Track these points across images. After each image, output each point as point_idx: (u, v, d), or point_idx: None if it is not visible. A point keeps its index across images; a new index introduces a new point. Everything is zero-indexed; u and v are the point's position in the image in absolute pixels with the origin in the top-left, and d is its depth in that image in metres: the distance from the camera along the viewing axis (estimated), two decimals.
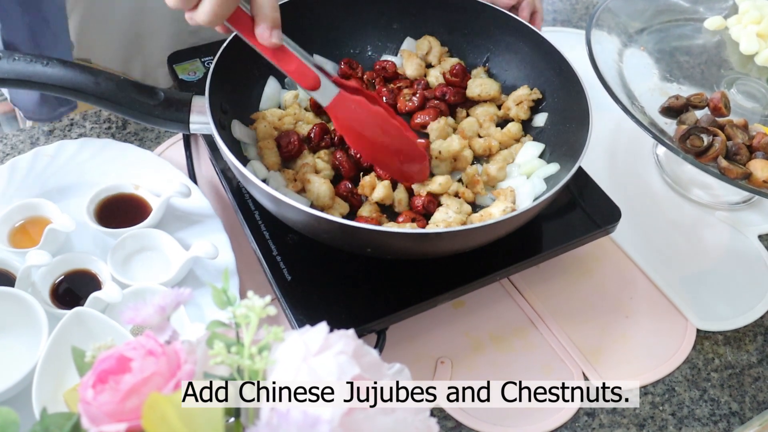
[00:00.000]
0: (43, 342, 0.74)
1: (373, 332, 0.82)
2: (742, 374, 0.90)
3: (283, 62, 0.77)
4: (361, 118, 0.82)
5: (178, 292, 0.53)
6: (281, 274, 0.82)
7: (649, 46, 1.15)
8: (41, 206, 0.89)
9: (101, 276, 0.84)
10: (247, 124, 0.92)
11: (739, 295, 0.98)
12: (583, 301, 0.94)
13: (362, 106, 0.81)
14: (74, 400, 0.54)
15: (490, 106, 1.00)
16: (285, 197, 0.74)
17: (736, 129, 0.98)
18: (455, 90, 1.00)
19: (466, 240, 0.79)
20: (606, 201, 0.94)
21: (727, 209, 1.08)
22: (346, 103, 0.81)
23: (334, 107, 0.81)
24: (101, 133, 1.06)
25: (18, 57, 0.78)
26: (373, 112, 0.82)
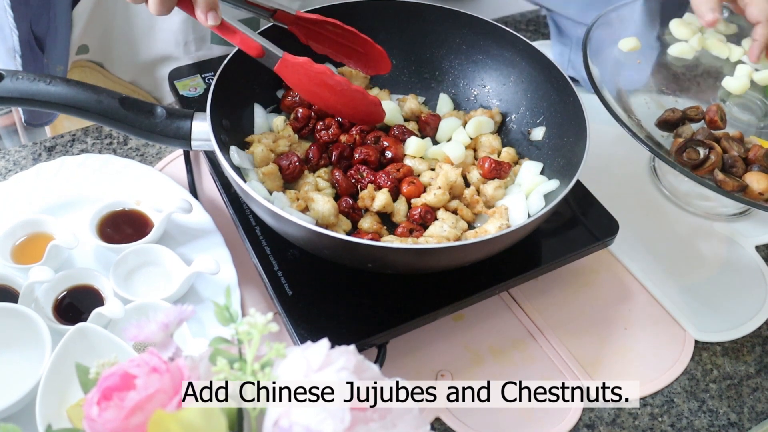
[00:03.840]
0: (47, 357, 0.75)
1: (374, 346, 0.83)
2: (741, 385, 0.91)
3: (228, 35, 0.85)
4: (308, 74, 0.89)
5: (180, 309, 0.54)
6: (282, 289, 0.83)
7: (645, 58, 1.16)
8: (44, 222, 0.90)
9: (104, 291, 0.85)
10: (243, 149, 0.92)
11: (737, 306, 0.99)
12: (581, 314, 0.95)
13: (306, 65, 0.88)
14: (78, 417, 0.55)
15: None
16: (291, 216, 0.75)
17: (732, 142, 0.99)
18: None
19: (464, 255, 0.79)
20: (604, 214, 0.95)
21: (724, 221, 1.08)
22: (291, 65, 0.88)
23: (281, 69, 0.88)
24: (103, 149, 1.07)
25: (21, 76, 0.79)
26: (317, 69, 0.89)
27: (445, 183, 0.91)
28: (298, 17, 0.93)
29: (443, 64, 1.07)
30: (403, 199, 0.92)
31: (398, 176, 0.93)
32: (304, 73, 0.88)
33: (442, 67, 1.07)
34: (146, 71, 1.23)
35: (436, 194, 0.90)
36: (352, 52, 0.98)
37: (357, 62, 0.99)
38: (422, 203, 0.90)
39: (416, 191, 0.92)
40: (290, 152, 0.93)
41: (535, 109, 1.01)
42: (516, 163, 0.98)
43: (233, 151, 0.88)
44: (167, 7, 0.80)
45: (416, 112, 1.02)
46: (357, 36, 0.95)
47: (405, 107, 1.02)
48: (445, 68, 1.07)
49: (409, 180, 0.92)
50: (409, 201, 0.92)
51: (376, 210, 0.90)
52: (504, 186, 0.94)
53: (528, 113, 1.01)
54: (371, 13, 1.02)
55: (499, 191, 0.93)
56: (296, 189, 0.91)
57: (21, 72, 0.80)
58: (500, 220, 0.88)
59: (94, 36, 1.15)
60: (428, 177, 0.94)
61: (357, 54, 0.98)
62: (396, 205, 0.91)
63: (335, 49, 0.97)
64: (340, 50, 0.98)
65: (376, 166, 0.94)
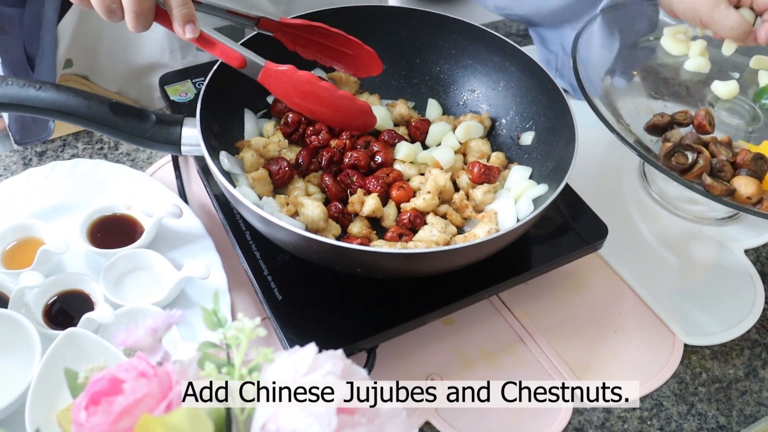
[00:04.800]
0: (36, 362, 0.75)
1: (363, 350, 0.83)
2: (730, 388, 0.91)
3: (208, 48, 0.84)
4: (291, 82, 0.88)
5: (169, 314, 0.54)
6: (272, 294, 0.83)
7: (635, 64, 1.16)
8: (34, 227, 0.90)
9: (94, 296, 0.85)
10: (233, 154, 0.93)
11: (726, 309, 0.99)
12: (571, 317, 0.95)
13: (289, 73, 0.87)
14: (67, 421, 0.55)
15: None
16: (280, 221, 0.75)
17: (720, 146, 0.99)
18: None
19: (453, 259, 0.80)
20: (593, 218, 0.95)
21: (713, 224, 1.09)
22: (274, 74, 0.87)
23: (265, 78, 0.87)
24: (93, 154, 1.07)
25: (11, 81, 0.79)
26: (301, 76, 0.88)
27: (435, 188, 0.91)
28: (282, 23, 0.93)
29: (433, 69, 1.07)
30: (392, 203, 0.92)
31: (388, 181, 0.93)
32: (288, 81, 0.87)
33: (431, 72, 1.07)
34: (133, 80, 1.22)
35: (425, 199, 0.90)
36: (341, 56, 0.97)
37: (347, 65, 0.98)
38: (412, 208, 0.90)
39: (406, 196, 0.92)
40: (280, 157, 0.93)
41: (525, 114, 1.01)
42: (505, 167, 0.99)
43: (223, 157, 0.88)
44: (144, 24, 0.79)
45: (406, 116, 1.03)
46: (345, 38, 0.95)
47: (395, 112, 1.03)
48: (435, 73, 1.07)
49: (399, 185, 0.93)
50: (399, 206, 0.92)
51: (366, 215, 0.90)
52: (493, 190, 0.94)
53: (517, 118, 1.02)
54: (359, 19, 1.02)
55: (488, 196, 0.93)
56: (286, 194, 0.92)
57: (10, 77, 0.80)
58: (489, 224, 0.88)
59: (79, 49, 1.15)
60: (418, 182, 0.94)
61: (346, 57, 0.97)
62: (385, 209, 0.91)
63: (324, 54, 0.97)
64: (329, 54, 0.97)
65: (366, 170, 0.95)
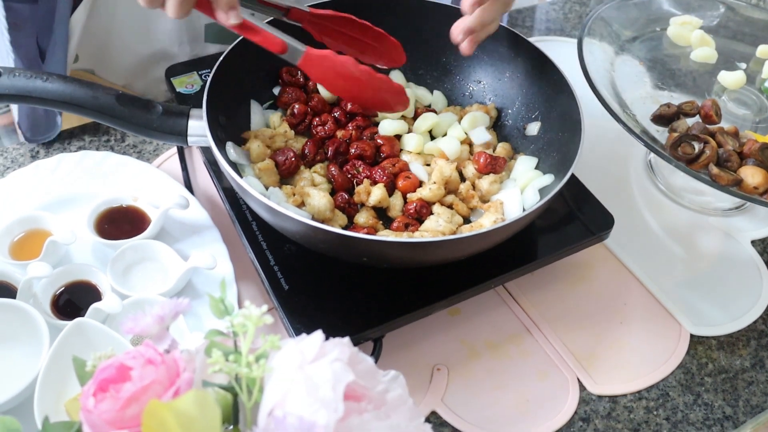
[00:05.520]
0: (45, 352, 0.75)
1: (370, 340, 0.83)
2: (736, 379, 0.91)
3: (249, 34, 0.83)
4: (332, 66, 0.88)
5: (176, 302, 0.54)
6: (278, 284, 0.83)
7: (641, 54, 1.16)
8: (42, 219, 0.90)
9: (101, 287, 0.85)
10: (239, 145, 0.93)
11: (732, 300, 0.99)
12: (577, 308, 0.95)
13: (329, 57, 0.87)
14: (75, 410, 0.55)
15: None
16: (287, 211, 0.75)
17: (727, 136, 0.99)
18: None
19: (459, 249, 0.80)
20: (599, 208, 0.95)
21: (719, 215, 1.09)
22: (315, 58, 0.87)
23: (305, 64, 0.87)
24: (100, 146, 1.07)
25: (18, 73, 0.80)
26: (341, 60, 0.88)
27: (440, 178, 0.91)
28: (312, 14, 0.93)
29: (439, 60, 1.07)
30: (398, 194, 0.92)
31: (394, 171, 0.93)
32: (329, 65, 0.87)
33: (438, 62, 1.07)
34: (140, 73, 1.22)
35: (431, 189, 0.90)
36: (366, 47, 0.97)
37: (371, 56, 0.98)
38: (418, 198, 0.91)
39: (412, 186, 0.92)
40: (286, 148, 0.93)
41: (531, 105, 1.01)
42: (511, 158, 0.99)
43: (230, 147, 0.88)
44: (186, 10, 0.79)
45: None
46: (371, 29, 0.95)
47: None
48: (441, 64, 1.07)
49: (405, 175, 0.93)
50: (405, 196, 0.92)
51: (372, 205, 0.90)
52: (499, 181, 0.94)
53: (523, 108, 1.02)
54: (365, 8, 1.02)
55: (494, 186, 0.93)
56: (292, 184, 0.92)
57: (18, 69, 0.80)
58: (495, 214, 0.88)
59: (88, 42, 1.15)
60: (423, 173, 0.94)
61: (371, 48, 0.97)
62: (392, 200, 0.91)
63: (349, 45, 0.97)
64: (354, 45, 0.97)
65: (372, 161, 0.95)
